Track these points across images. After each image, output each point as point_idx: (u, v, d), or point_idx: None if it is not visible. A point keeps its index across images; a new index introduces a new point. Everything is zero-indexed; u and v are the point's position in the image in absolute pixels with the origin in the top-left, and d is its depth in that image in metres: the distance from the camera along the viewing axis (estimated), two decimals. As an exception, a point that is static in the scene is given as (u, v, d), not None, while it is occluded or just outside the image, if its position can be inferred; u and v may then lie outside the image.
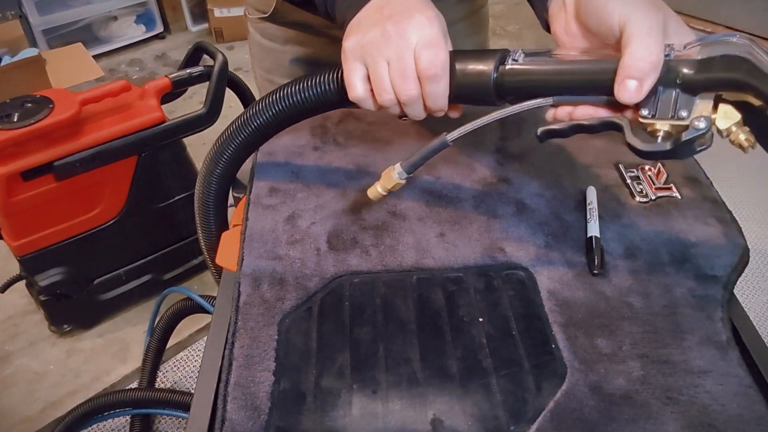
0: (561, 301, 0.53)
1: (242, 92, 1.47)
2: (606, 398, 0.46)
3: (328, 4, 0.55)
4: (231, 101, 1.46)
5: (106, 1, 2.59)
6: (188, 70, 1.33)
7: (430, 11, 0.49)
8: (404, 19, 0.48)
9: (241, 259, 0.57)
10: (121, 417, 1.30)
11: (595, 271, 0.55)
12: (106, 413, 1.24)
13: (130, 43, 2.76)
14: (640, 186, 0.65)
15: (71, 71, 2.03)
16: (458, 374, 0.48)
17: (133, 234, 1.45)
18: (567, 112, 0.47)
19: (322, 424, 0.45)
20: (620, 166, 0.68)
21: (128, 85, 1.27)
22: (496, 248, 0.58)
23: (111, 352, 1.50)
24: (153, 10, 2.78)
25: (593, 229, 0.59)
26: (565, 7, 0.51)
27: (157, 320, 1.34)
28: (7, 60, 1.95)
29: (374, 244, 0.59)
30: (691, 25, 2.80)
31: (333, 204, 0.64)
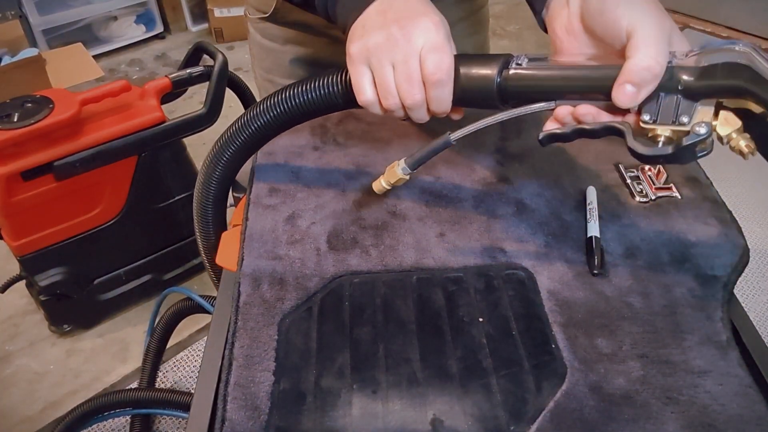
0: (561, 301, 0.53)
1: (242, 92, 1.47)
2: (606, 398, 0.46)
3: (329, 7, 0.55)
4: (231, 101, 1.46)
5: (106, 1, 2.60)
6: (188, 70, 1.33)
7: (435, 15, 0.49)
8: (410, 23, 0.48)
9: (241, 259, 0.58)
10: (121, 417, 1.30)
11: (595, 271, 0.55)
12: (106, 413, 1.24)
13: (130, 43, 2.76)
14: (640, 186, 0.65)
15: (71, 71, 2.03)
16: (458, 374, 0.48)
17: (133, 234, 1.45)
18: (568, 111, 0.47)
19: (322, 424, 0.45)
20: (620, 166, 0.68)
21: (128, 85, 1.27)
22: (496, 248, 0.58)
23: (111, 352, 1.50)
24: (153, 10, 2.78)
25: (593, 229, 0.59)
26: (568, 6, 0.50)
27: (157, 320, 1.34)
28: (7, 60, 1.95)
29: (374, 244, 0.59)
30: (691, 25, 2.80)
31: (333, 204, 0.64)
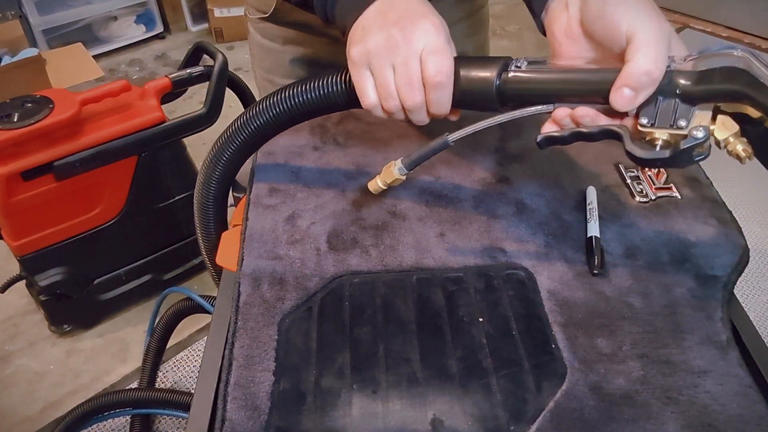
0: (561, 301, 0.53)
1: (242, 92, 1.47)
2: (606, 398, 0.46)
3: (328, 8, 0.54)
4: (231, 101, 1.46)
5: (106, 1, 2.59)
6: (188, 70, 1.33)
7: (435, 17, 0.49)
8: (410, 25, 0.48)
9: (241, 259, 0.57)
10: (121, 417, 1.30)
11: (595, 271, 0.55)
12: (106, 413, 1.24)
13: (130, 43, 2.76)
14: (640, 186, 0.65)
15: (71, 71, 2.03)
16: (458, 374, 0.48)
17: (133, 234, 1.45)
18: (566, 113, 0.47)
19: (322, 424, 0.45)
20: (620, 166, 0.68)
21: (128, 85, 1.27)
22: (496, 248, 0.58)
23: (111, 352, 1.50)
24: (153, 10, 2.78)
25: (593, 229, 0.59)
26: (567, 9, 0.50)
27: (157, 320, 1.34)
28: (7, 60, 1.95)
29: (374, 244, 0.59)
30: (691, 25, 2.80)
31: (333, 204, 0.64)
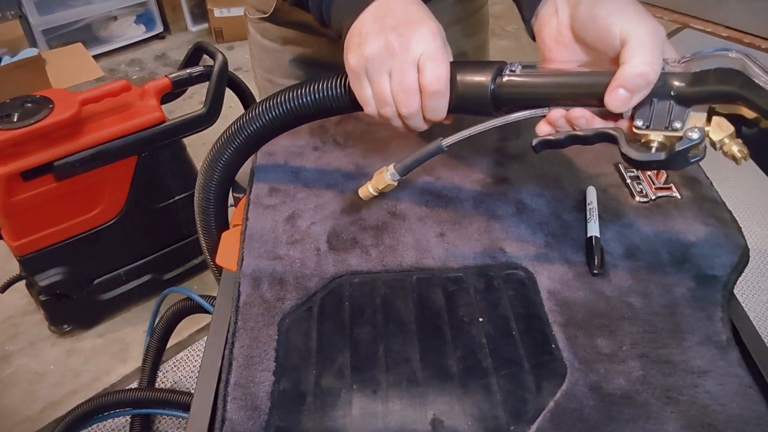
0: (561, 301, 0.53)
1: (242, 92, 1.47)
2: (606, 398, 0.46)
3: (324, 9, 0.54)
4: (231, 101, 1.46)
5: (106, 1, 2.59)
6: (188, 70, 1.33)
7: (432, 23, 0.49)
8: (407, 31, 0.47)
9: (241, 259, 0.58)
10: (121, 417, 1.30)
11: (595, 271, 0.55)
12: (106, 413, 1.24)
13: (130, 43, 2.76)
14: (639, 186, 0.65)
15: (71, 71, 2.03)
16: (458, 374, 0.48)
17: (133, 234, 1.45)
18: (561, 114, 0.47)
19: (322, 424, 0.45)
20: (620, 166, 0.68)
21: (128, 85, 1.27)
22: (496, 248, 0.58)
23: (111, 352, 1.50)
24: (153, 10, 2.78)
25: (593, 229, 0.59)
26: (557, 14, 0.49)
27: (157, 320, 1.34)
28: (7, 60, 1.95)
29: (374, 244, 0.59)
30: (691, 25, 2.80)
31: (333, 204, 0.64)
